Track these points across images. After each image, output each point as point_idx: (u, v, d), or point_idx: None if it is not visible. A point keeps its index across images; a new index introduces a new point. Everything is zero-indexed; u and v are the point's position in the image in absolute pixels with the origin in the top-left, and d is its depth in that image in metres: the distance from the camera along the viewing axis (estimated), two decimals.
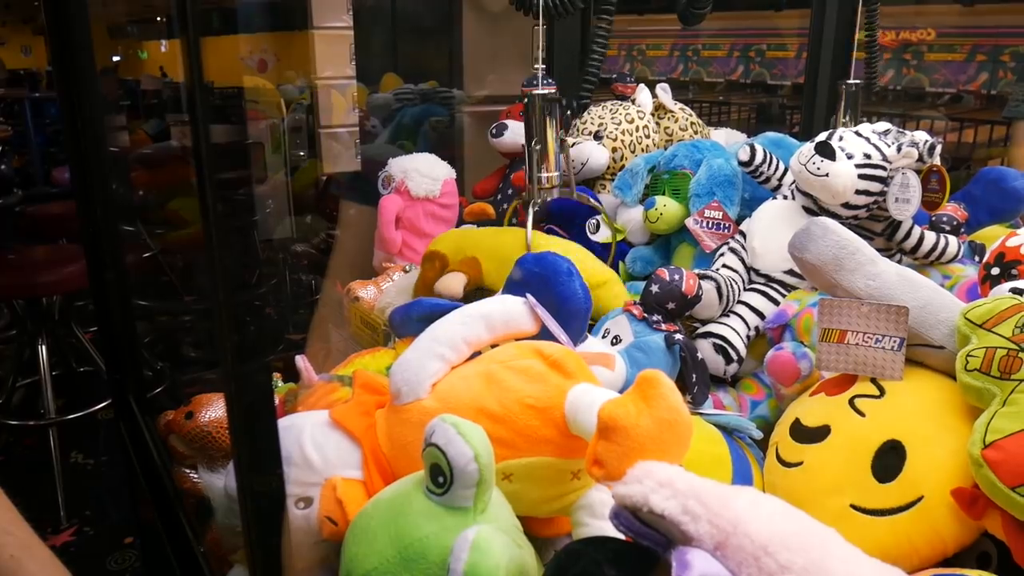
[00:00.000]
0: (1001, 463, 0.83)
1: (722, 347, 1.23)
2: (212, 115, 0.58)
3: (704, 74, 7.42)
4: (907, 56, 5.59)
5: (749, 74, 6.99)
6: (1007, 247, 1.14)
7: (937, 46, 5.43)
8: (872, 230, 1.38)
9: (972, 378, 0.91)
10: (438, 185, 1.60)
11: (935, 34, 5.39)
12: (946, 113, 5.27)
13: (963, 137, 4.71)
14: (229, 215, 0.59)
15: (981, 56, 5.22)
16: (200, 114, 0.58)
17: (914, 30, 5.45)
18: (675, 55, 7.60)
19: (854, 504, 0.95)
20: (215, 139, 0.58)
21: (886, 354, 1.00)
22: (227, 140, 0.66)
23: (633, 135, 1.64)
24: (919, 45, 5.50)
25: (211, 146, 0.58)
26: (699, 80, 7.37)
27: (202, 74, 0.58)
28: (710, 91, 7.17)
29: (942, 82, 5.46)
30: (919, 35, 5.47)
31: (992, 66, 5.16)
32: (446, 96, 2.69)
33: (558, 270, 0.97)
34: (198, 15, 0.57)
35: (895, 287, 1.00)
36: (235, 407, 0.59)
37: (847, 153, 1.26)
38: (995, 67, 5.16)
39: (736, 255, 1.36)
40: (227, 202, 0.58)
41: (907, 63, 5.62)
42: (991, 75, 5.19)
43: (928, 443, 0.94)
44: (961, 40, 5.31)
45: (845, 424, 1.00)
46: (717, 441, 1.07)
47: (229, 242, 0.59)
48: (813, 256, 1.02)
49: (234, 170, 0.73)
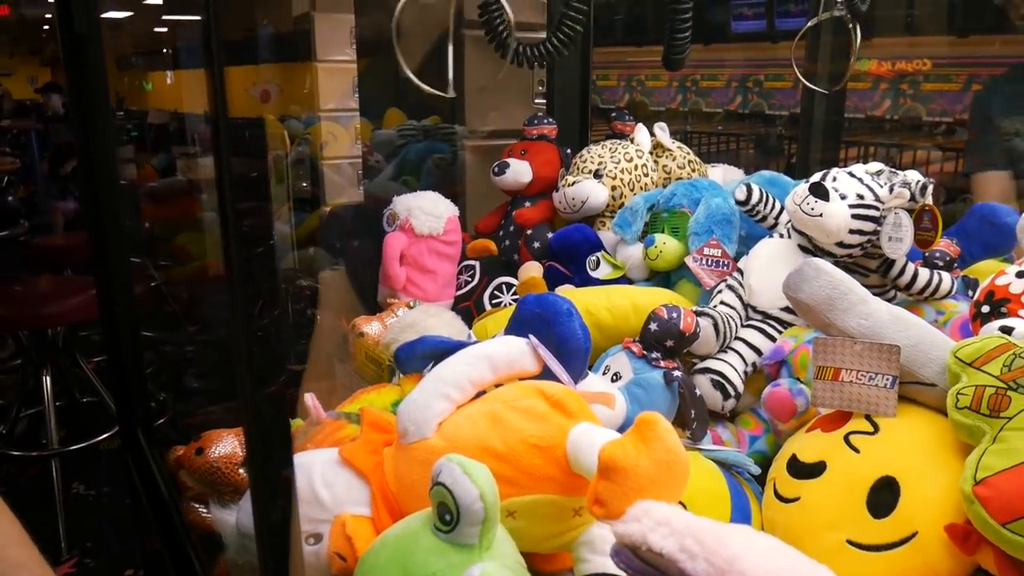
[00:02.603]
0: (992, 499, 0.85)
1: (720, 383, 1.26)
2: (233, 147, 0.60)
3: (703, 104, 7.49)
4: (904, 86, 5.65)
5: (747, 104, 7.06)
6: (996, 286, 1.17)
7: (933, 76, 5.50)
8: (867, 267, 1.41)
9: (963, 416, 0.93)
10: (441, 222, 1.63)
11: (931, 64, 5.46)
12: (943, 143, 5.32)
13: (959, 166, 4.76)
14: (249, 245, 0.60)
15: (977, 85, 5.28)
16: (223, 145, 0.59)
17: (910, 60, 5.53)
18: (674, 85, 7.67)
19: (850, 540, 0.97)
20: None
21: (879, 391, 1.02)
22: (246, 171, 0.67)
23: (632, 173, 1.68)
24: (915, 75, 5.57)
25: (233, 176, 0.60)
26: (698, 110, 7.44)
27: (226, 106, 0.60)
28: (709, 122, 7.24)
29: (939, 111, 5.52)
30: (915, 65, 5.54)
31: None
32: (448, 132, 2.74)
33: (558, 311, 1.00)
34: (221, 47, 0.60)
35: (887, 326, 1.03)
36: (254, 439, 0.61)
37: (840, 193, 1.29)
38: None
39: (734, 292, 1.38)
40: (247, 233, 0.60)
41: (903, 93, 5.69)
42: None
43: (922, 479, 0.96)
44: (956, 70, 5.38)
45: (840, 460, 1.02)
46: (716, 477, 1.10)
47: (250, 273, 0.61)
48: (807, 296, 1.05)
49: (253, 201, 0.74)
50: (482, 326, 1.44)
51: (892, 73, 5.64)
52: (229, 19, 0.58)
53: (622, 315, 1.30)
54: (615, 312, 1.30)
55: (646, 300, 1.31)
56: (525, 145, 1.80)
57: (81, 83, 1.48)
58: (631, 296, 1.34)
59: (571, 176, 1.69)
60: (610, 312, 1.30)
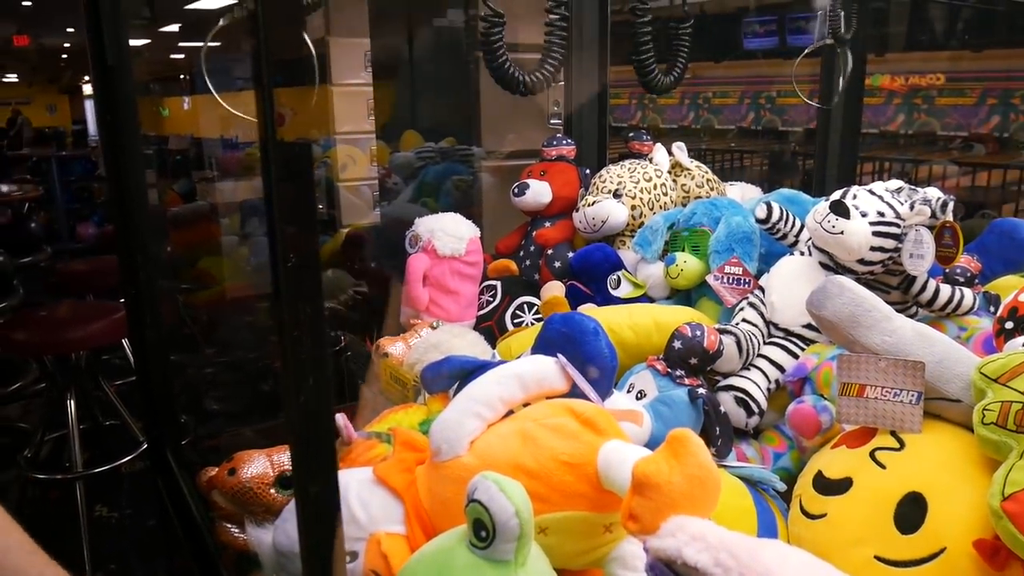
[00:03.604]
0: (1020, 515, 0.86)
1: (743, 400, 1.27)
2: (283, 171, 0.61)
3: (715, 121, 7.50)
4: (917, 101, 5.65)
5: (760, 121, 7.08)
6: (1019, 302, 1.17)
7: (947, 90, 5.50)
8: (888, 284, 1.42)
9: (989, 431, 0.94)
10: (463, 244, 1.65)
11: (944, 79, 5.46)
12: (959, 157, 5.31)
13: (976, 180, 4.75)
14: (301, 268, 0.61)
15: (992, 99, 5.27)
16: (273, 169, 0.60)
17: (924, 75, 5.53)
18: (686, 103, 7.69)
19: (878, 555, 0.97)
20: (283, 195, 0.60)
21: (905, 407, 1.03)
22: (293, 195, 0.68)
23: (651, 193, 1.69)
24: (929, 90, 5.56)
25: (284, 200, 0.60)
26: (710, 127, 7.45)
27: (275, 129, 0.61)
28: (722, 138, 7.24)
29: (953, 126, 5.51)
30: (928, 80, 5.54)
31: (1003, 109, 5.22)
32: (466, 154, 2.77)
33: (585, 330, 1.02)
34: (271, 67, 0.61)
35: (911, 343, 1.04)
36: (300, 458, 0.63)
37: (861, 211, 1.30)
38: (1006, 110, 5.21)
39: (755, 310, 1.40)
40: (295, 256, 0.60)
41: (918, 108, 5.68)
42: (1003, 118, 5.24)
43: (949, 495, 0.97)
44: (971, 84, 5.37)
45: (867, 476, 1.03)
46: (742, 494, 1.10)
47: (297, 296, 0.62)
48: (830, 313, 1.06)
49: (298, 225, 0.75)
50: (506, 345, 1.45)
51: (906, 88, 5.65)
52: (279, 42, 0.60)
53: (645, 333, 1.31)
54: (638, 330, 1.32)
55: (668, 318, 1.32)
56: (544, 166, 1.82)
57: (112, 114, 1.51)
58: (653, 314, 1.35)
59: (591, 196, 1.71)
60: (632, 331, 1.32)
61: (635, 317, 1.35)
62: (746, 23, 6.69)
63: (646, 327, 1.32)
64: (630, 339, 1.31)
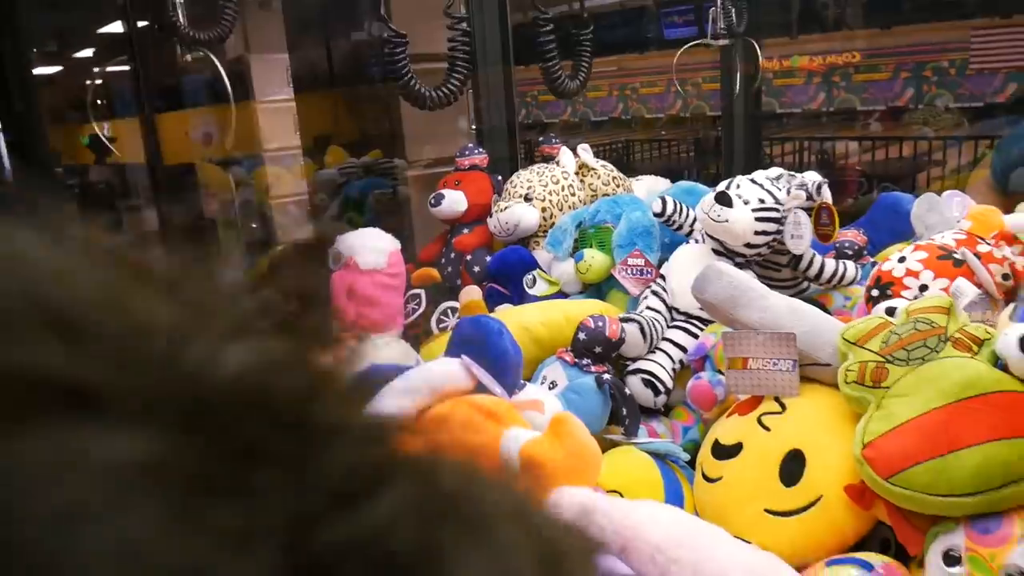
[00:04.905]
0: (876, 459, 0.98)
1: (650, 381, 1.37)
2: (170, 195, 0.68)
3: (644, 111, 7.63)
4: (836, 79, 5.86)
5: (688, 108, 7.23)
6: (882, 271, 1.30)
7: (864, 67, 5.72)
8: (778, 263, 1.54)
9: (851, 389, 1.06)
10: (384, 256, 1.72)
11: (860, 56, 5.68)
12: (872, 133, 5.52)
13: (889, 154, 4.96)
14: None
15: (905, 73, 5.50)
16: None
17: (840, 54, 5.75)
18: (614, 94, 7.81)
19: (767, 508, 1.09)
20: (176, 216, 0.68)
21: (783, 375, 1.14)
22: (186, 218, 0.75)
23: (560, 194, 1.79)
24: (846, 68, 5.78)
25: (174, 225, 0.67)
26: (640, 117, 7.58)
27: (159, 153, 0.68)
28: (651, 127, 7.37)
29: (871, 100, 5.74)
30: (845, 58, 5.76)
31: (916, 82, 5.45)
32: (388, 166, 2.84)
33: (490, 330, 1.10)
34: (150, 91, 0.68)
35: (784, 317, 1.15)
36: None
37: (744, 200, 1.42)
38: (919, 82, 5.44)
39: (658, 297, 1.50)
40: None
41: (836, 85, 5.90)
42: (916, 90, 5.47)
43: (823, 449, 1.08)
44: (885, 60, 5.61)
45: (754, 439, 1.14)
46: (650, 467, 1.21)
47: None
48: (711, 296, 1.17)
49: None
50: (429, 350, 1.54)
51: (824, 67, 5.85)
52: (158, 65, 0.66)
53: (557, 328, 1.41)
54: (550, 326, 1.41)
55: (577, 311, 1.42)
56: (458, 176, 1.91)
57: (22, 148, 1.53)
58: (564, 309, 1.45)
59: (503, 202, 1.81)
60: (545, 326, 1.41)
61: (547, 313, 1.44)
62: (664, 14, 6.86)
63: (557, 322, 1.42)
64: (543, 334, 1.41)
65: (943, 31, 5.18)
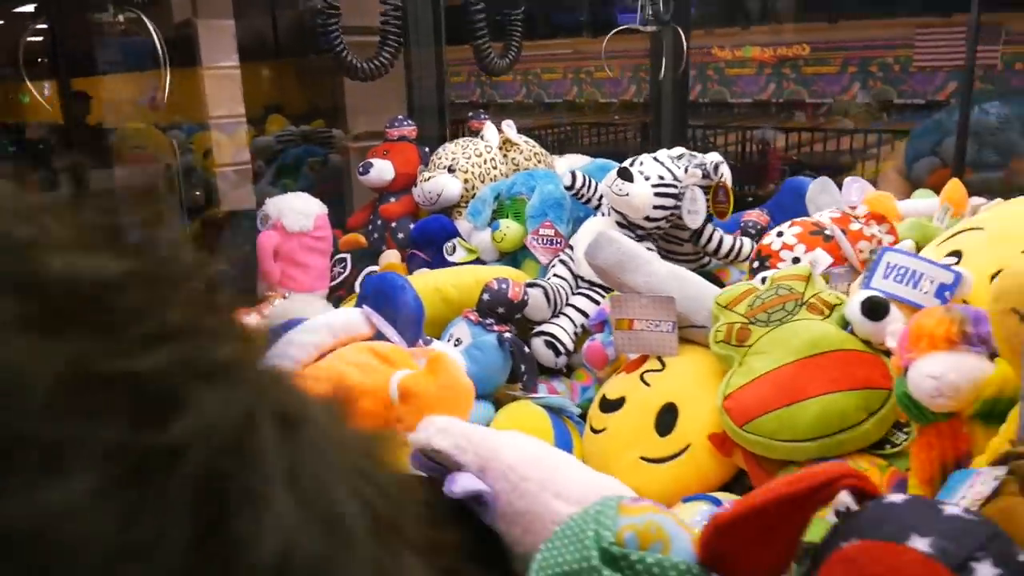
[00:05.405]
0: (734, 409, 1.09)
1: (551, 343, 1.47)
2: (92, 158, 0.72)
3: (599, 95, 7.70)
4: (786, 71, 5.99)
5: (641, 94, 7.31)
6: (762, 246, 1.42)
7: (812, 60, 5.85)
8: (680, 237, 1.65)
9: (719, 348, 1.17)
10: (311, 220, 1.79)
11: (809, 49, 5.81)
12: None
13: (841, 145, 5.12)
14: None
15: (852, 68, 5.65)
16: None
17: (789, 46, 5.87)
18: (569, 77, 7.87)
19: (642, 456, 1.19)
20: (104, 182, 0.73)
21: (663, 336, 1.25)
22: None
23: (482, 167, 1.88)
24: (795, 59, 5.90)
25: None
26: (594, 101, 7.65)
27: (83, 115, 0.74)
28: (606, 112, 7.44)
29: (819, 93, 5.88)
30: (795, 51, 5.88)
31: (863, 76, 5.60)
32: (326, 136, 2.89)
33: (394, 285, 1.19)
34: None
35: (667, 282, 1.26)
36: None
37: (645, 175, 1.52)
38: (865, 77, 5.59)
39: (565, 265, 1.60)
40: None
41: (786, 77, 6.02)
42: (862, 85, 5.63)
43: (694, 402, 1.19)
44: (832, 54, 5.75)
45: (635, 394, 1.25)
46: (542, 419, 1.30)
47: None
48: (602, 261, 1.27)
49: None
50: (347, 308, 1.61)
51: (774, 59, 5.97)
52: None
53: (467, 290, 1.50)
54: (461, 288, 1.50)
55: (488, 276, 1.51)
56: (387, 146, 1.98)
57: None
58: (475, 274, 1.53)
59: (427, 172, 1.88)
60: (456, 288, 1.50)
61: (459, 276, 1.53)
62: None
63: (468, 284, 1.50)
64: (453, 295, 1.49)
65: (890, 27, 5.32)
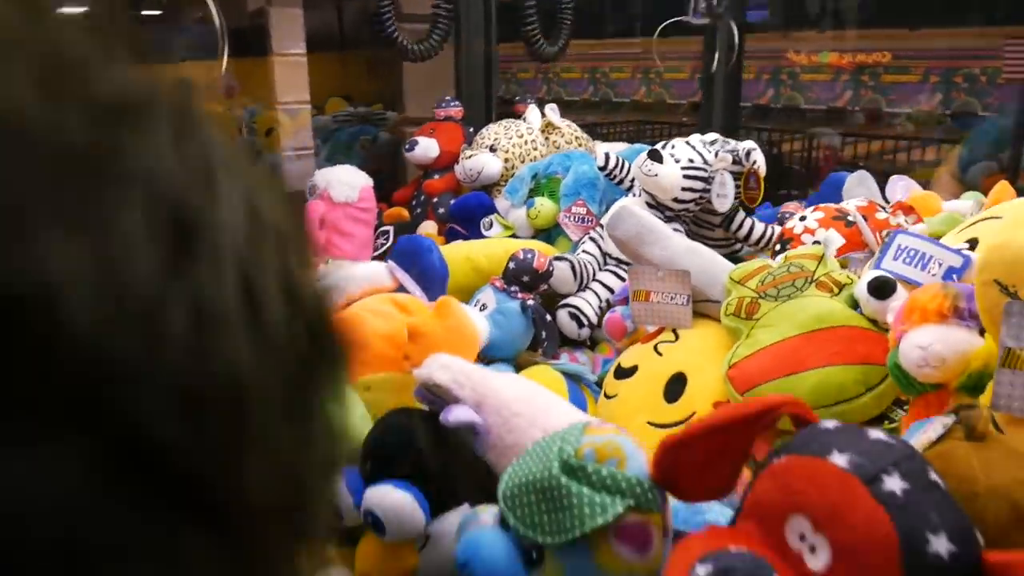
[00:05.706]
0: (736, 378, 1.13)
1: (575, 315, 1.52)
2: None
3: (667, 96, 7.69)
4: (864, 78, 5.82)
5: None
6: (786, 229, 1.45)
7: (893, 68, 5.68)
8: (711, 222, 1.69)
9: (729, 320, 1.21)
10: (356, 191, 1.87)
11: (890, 56, 5.64)
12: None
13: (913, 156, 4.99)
14: None
15: (935, 78, 5.46)
16: None
17: (870, 53, 5.71)
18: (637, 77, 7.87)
19: (650, 421, 1.24)
20: None
21: (678, 308, 1.29)
22: None
23: (522, 148, 1.94)
24: (875, 67, 5.73)
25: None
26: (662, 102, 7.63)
27: None
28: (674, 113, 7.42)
29: (898, 103, 5.71)
30: (874, 58, 5.71)
31: (945, 87, 5.41)
32: (380, 117, 2.99)
33: (422, 246, 1.26)
34: None
35: (683, 256, 1.30)
36: None
37: (675, 158, 1.56)
38: (948, 88, 5.41)
39: (594, 243, 1.65)
40: None
41: (864, 85, 5.86)
42: (945, 96, 5.45)
43: (702, 372, 1.23)
44: (915, 62, 5.57)
45: (648, 363, 1.29)
46: (558, 382, 1.35)
47: None
48: (622, 232, 1.32)
49: None
50: None
51: (852, 65, 5.81)
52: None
53: (497, 260, 1.56)
54: (491, 257, 1.56)
55: (518, 248, 1.57)
56: (434, 125, 2.06)
57: None
58: (506, 245, 1.60)
59: (470, 151, 1.95)
60: (487, 258, 1.56)
61: (490, 247, 1.60)
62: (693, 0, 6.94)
63: (498, 255, 1.57)
64: (483, 264, 1.56)
65: (977, 36, 5.12)
